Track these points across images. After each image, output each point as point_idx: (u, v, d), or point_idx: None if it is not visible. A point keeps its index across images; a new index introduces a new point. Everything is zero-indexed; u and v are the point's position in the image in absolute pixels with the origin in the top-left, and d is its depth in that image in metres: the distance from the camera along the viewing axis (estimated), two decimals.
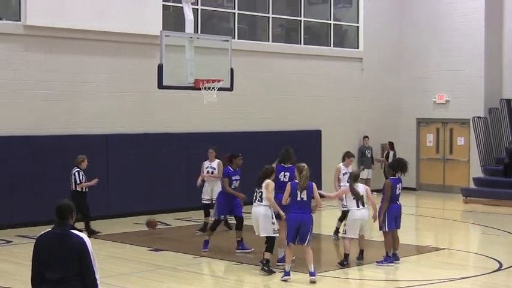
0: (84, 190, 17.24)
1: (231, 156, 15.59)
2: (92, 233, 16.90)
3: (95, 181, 17.37)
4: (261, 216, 13.16)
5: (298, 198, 12.39)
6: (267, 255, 13.08)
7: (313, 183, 12.57)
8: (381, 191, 14.53)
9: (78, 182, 17.11)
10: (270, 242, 13.14)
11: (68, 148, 19.11)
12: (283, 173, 14.12)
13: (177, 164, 21.13)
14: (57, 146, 18.98)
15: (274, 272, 12.97)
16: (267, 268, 13.01)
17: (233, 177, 15.31)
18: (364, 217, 13.74)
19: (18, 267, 13.51)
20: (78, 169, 17.22)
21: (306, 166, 12.50)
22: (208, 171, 17.38)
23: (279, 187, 13.36)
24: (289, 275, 12.43)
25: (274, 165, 14.16)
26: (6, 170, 18.28)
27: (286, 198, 12.55)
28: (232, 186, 15.28)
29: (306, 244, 12.41)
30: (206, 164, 17.53)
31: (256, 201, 13.25)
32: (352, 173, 14.45)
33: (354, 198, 13.67)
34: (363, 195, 13.67)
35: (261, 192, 13.19)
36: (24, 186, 18.47)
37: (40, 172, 18.69)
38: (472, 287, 12.61)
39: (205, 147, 17.78)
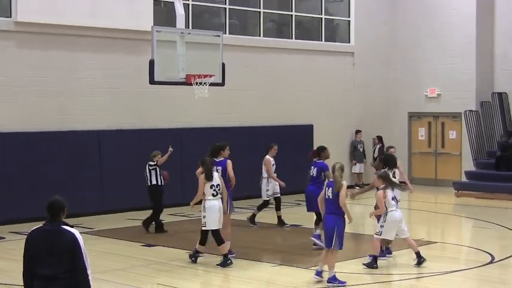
0: (160, 184, 17.06)
1: (319, 149, 15.61)
2: (146, 226, 17.03)
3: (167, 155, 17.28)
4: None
5: (326, 197, 12.00)
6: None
7: (344, 182, 11.92)
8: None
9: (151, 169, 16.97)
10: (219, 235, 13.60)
11: (61, 144, 19.14)
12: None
13: (171, 160, 21.06)
14: (51, 142, 18.97)
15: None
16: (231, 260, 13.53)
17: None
18: (401, 217, 13.32)
19: (12, 264, 13.48)
20: (150, 162, 17.06)
21: (338, 165, 12.03)
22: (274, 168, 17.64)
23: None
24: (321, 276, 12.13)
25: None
26: (0, 166, 18.27)
27: (321, 198, 12.16)
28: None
29: (331, 247, 11.90)
30: (272, 160, 17.69)
31: (218, 195, 13.49)
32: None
33: (392, 199, 13.15)
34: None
35: (219, 185, 13.52)
36: (18, 182, 18.43)
37: (33, 168, 18.66)
38: (465, 280, 12.64)
39: (199, 143, 17.80)
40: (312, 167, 15.46)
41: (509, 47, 25.85)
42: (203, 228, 13.54)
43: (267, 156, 17.82)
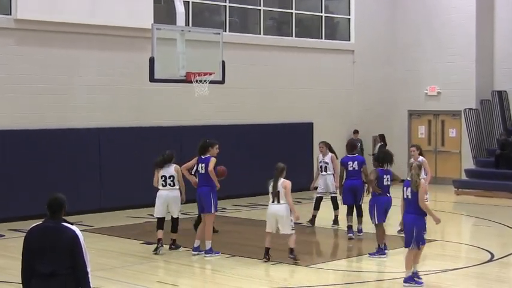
0: None
1: (356, 144, 16.83)
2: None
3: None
4: (175, 199, 14.45)
5: (404, 196, 11.79)
6: (174, 235, 14.59)
7: (422, 181, 11.76)
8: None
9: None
10: (175, 223, 14.64)
11: (61, 142, 19.14)
12: (200, 164, 14.34)
13: None
14: (51, 140, 18.97)
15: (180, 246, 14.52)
16: (175, 246, 14.60)
17: None
18: (277, 213, 13.27)
19: (12, 262, 13.46)
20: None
21: (415, 164, 11.91)
22: (321, 166, 17.44)
23: (199, 179, 14.41)
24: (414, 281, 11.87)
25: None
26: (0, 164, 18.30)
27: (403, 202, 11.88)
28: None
29: (410, 247, 11.79)
30: (319, 157, 17.59)
31: (168, 185, 14.39)
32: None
33: (270, 193, 13.24)
34: (278, 191, 13.15)
35: (172, 176, 14.37)
36: (18, 179, 18.43)
37: (32, 165, 18.66)
38: (464, 278, 12.64)
39: (199, 141, 17.70)
40: (351, 162, 15.96)
41: (509, 46, 25.85)
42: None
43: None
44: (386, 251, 13.96)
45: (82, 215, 18.14)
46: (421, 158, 16.58)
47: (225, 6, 23.20)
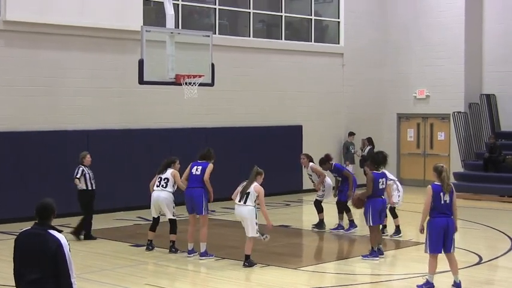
0: (89, 188, 16.42)
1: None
2: (77, 234, 16.23)
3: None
4: (165, 200, 14.60)
5: (442, 202, 11.50)
6: (173, 237, 14.60)
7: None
8: (365, 185, 14.51)
9: (74, 175, 16.34)
10: (172, 224, 14.67)
11: (49, 144, 19.09)
12: (196, 166, 14.40)
13: (159, 160, 21.00)
14: (38, 142, 18.91)
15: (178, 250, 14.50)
16: (175, 249, 14.58)
17: None
18: (241, 214, 13.30)
19: (2, 264, 13.41)
20: (79, 166, 16.40)
21: (444, 166, 11.66)
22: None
23: (192, 180, 14.34)
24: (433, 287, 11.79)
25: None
26: None
27: (428, 203, 11.50)
28: None
29: (452, 251, 11.71)
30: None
31: (161, 186, 14.69)
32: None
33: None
34: (249, 192, 13.16)
35: (166, 178, 14.65)
36: (5, 181, 18.37)
37: (21, 168, 18.61)
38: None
39: (187, 143, 17.81)
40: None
41: (497, 49, 25.96)
42: None
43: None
44: (380, 255, 13.98)
45: (71, 217, 18.07)
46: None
47: (215, 8, 23.20)
